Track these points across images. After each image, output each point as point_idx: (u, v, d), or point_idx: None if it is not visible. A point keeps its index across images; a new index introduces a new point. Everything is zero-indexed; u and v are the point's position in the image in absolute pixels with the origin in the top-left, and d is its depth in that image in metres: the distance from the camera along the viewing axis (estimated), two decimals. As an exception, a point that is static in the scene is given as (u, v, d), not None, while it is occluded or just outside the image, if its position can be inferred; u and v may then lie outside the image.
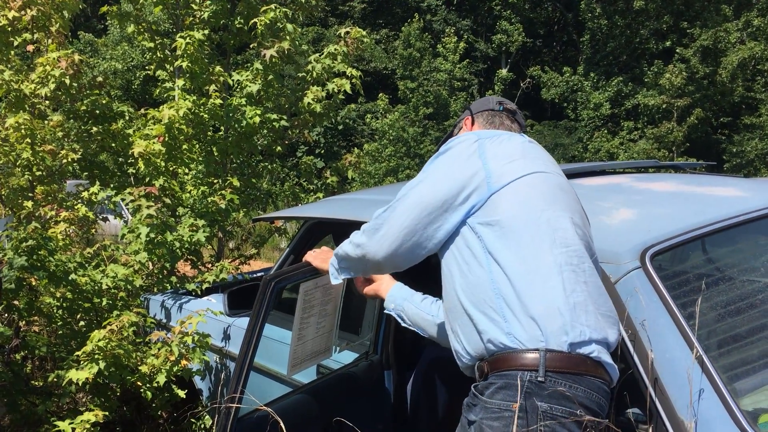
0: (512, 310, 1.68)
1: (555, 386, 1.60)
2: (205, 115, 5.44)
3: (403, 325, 2.30)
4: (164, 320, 4.38)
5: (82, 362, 3.61)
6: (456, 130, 2.21)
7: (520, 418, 1.60)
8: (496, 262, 1.73)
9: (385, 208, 1.89)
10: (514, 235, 1.73)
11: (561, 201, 1.81)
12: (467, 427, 1.73)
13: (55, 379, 3.88)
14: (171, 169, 5.39)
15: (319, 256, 2.20)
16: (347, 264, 2.03)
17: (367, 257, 1.92)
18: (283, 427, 1.87)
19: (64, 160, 5.34)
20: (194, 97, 5.37)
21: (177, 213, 5.45)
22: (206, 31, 5.49)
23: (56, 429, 3.33)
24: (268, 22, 5.64)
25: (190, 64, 5.43)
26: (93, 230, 5.46)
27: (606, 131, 26.42)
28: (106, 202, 5.34)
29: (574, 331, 1.64)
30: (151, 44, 5.97)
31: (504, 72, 28.73)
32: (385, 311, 2.32)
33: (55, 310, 4.38)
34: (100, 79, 5.92)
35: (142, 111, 5.95)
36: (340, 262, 2.06)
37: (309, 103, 5.97)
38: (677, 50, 25.75)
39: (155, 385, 3.74)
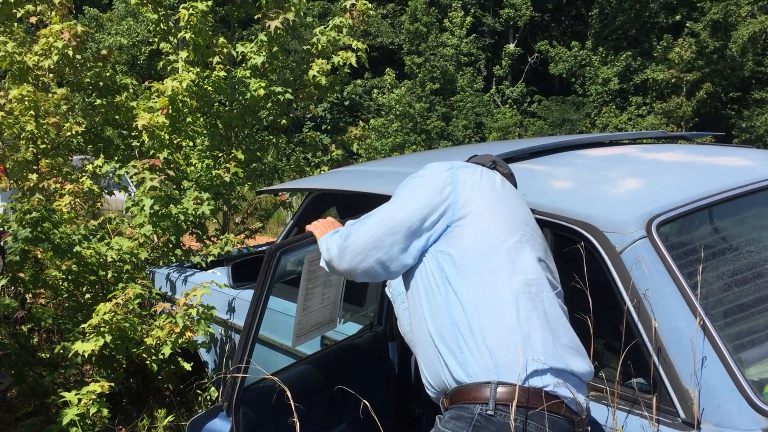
0: (465, 340, 1.67)
1: (505, 420, 1.57)
2: (209, 88, 5.40)
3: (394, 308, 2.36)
4: (169, 293, 4.38)
5: (87, 335, 3.63)
6: None
7: None
8: (454, 291, 1.72)
9: (354, 221, 1.90)
10: (473, 265, 1.72)
11: (524, 234, 1.80)
12: None
13: (61, 351, 3.90)
14: (175, 142, 5.37)
15: (319, 227, 2.18)
16: (323, 260, 2.02)
17: (331, 263, 1.94)
18: (290, 395, 1.86)
19: (68, 133, 5.33)
20: (198, 70, 5.34)
21: (182, 186, 5.45)
22: (209, 2, 5.44)
23: (63, 400, 3.35)
24: (272, -8, 5.59)
25: (193, 36, 5.38)
26: (99, 204, 5.46)
27: (614, 106, 26.25)
28: (111, 175, 5.33)
29: (525, 360, 1.60)
30: (155, 16, 5.92)
31: (511, 47, 28.51)
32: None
33: (60, 283, 4.40)
34: (104, 51, 5.88)
35: (146, 84, 5.92)
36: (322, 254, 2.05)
37: (314, 75, 5.92)
38: (687, 24, 25.47)
39: (161, 357, 3.76)
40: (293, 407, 1.89)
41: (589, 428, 1.72)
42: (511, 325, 1.64)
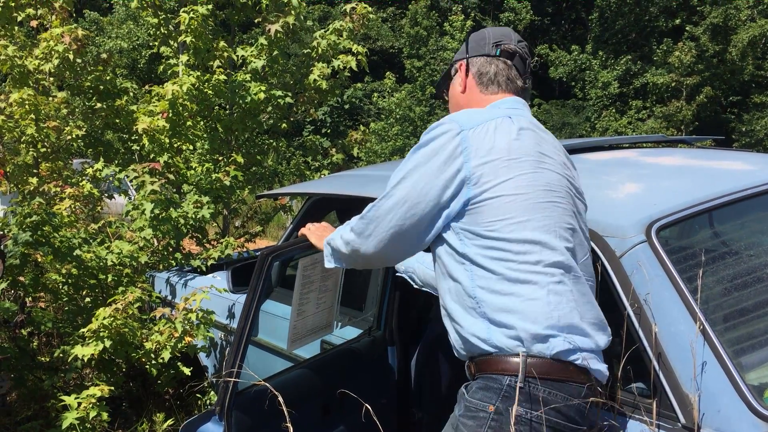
0: (494, 315, 1.67)
1: (533, 392, 1.60)
2: (209, 91, 5.41)
3: (415, 286, 2.39)
4: (169, 297, 4.38)
5: (87, 339, 3.62)
6: (452, 70, 2.09)
7: (494, 420, 1.61)
8: (480, 267, 1.70)
9: (371, 206, 1.85)
10: (497, 245, 1.69)
11: (548, 205, 1.73)
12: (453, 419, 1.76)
13: (61, 355, 3.89)
14: (175, 145, 5.37)
15: (315, 233, 2.18)
16: (339, 256, 2.00)
17: (357, 254, 1.89)
18: (282, 400, 1.86)
19: (69, 137, 5.33)
20: (198, 73, 5.34)
21: (182, 190, 5.46)
22: (210, 6, 5.44)
23: (62, 403, 3.34)
24: (272, -5, 5.60)
25: (194, 40, 5.39)
26: (99, 208, 5.46)
27: (614, 110, 26.27)
28: (111, 178, 5.34)
29: (556, 340, 1.63)
30: (155, 20, 5.93)
31: (512, 50, 28.47)
32: (397, 273, 2.44)
33: (60, 286, 4.39)
34: (104, 55, 5.89)
35: (147, 87, 5.93)
36: (333, 253, 2.02)
37: (315, 79, 5.93)
38: (687, 28, 25.50)
39: (160, 361, 3.76)
40: (286, 412, 1.88)
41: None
42: (539, 307, 1.64)
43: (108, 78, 5.69)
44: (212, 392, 4.01)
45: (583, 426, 1.66)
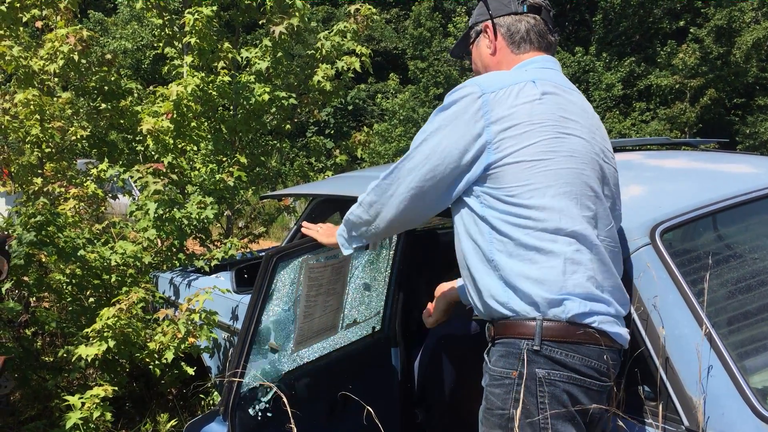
0: (511, 280, 1.68)
1: (552, 354, 1.63)
2: (214, 93, 5.42)
3: None
4: (173, 297, 4.39)
5: (91, 339, 3.63)
6: (472, 32, 2.03)
7: (519, 384, 1.63)
8: (498, 232, 1.70)
9: (391, 169, 1.84)
10: (516, 210, 1.69)
11: (569, 174, 1.70)
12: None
13: (64, 355, 3.90)
14: (179, 146, 5.38)
15: (324, 232, 2.18)
16: (358, 231, 1.98)
17: (378, 217, 1.88)
18: (286, 401, 1.86)
19: (73, 137, 5.35)
20: (203, 74, 5.35)
21: (186, 191, 5.46)
22: (214, 7, 5.45)
23: (66, 403, 3.35)
24: (277, -3, 5.61)
25: (198, 41, 5.40)
26: (103, 208, 5.48)
27: (618, 112, 26.23)
28: (115, 179, 5.35)
29: (572, 303, 1.64)
30: (160, 21, 5.94)
31: (515, 52, 28.45)
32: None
33: (64, 286, 4.41)
34: (108, 56, 5.90)
35: (151, 88, 5.95)
36: (351, 230, 2.00)
37: (318, 80, 5.94)
38: (691, 30, 25.47)
39: (164, 362, 3.76)
40: (290, 413, 1.88)
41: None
42: (555, 275, 1.65)
43: (112, 78, 5.71)
44: (215, 393, 4.01)
45: (607, 383, 1.68)
